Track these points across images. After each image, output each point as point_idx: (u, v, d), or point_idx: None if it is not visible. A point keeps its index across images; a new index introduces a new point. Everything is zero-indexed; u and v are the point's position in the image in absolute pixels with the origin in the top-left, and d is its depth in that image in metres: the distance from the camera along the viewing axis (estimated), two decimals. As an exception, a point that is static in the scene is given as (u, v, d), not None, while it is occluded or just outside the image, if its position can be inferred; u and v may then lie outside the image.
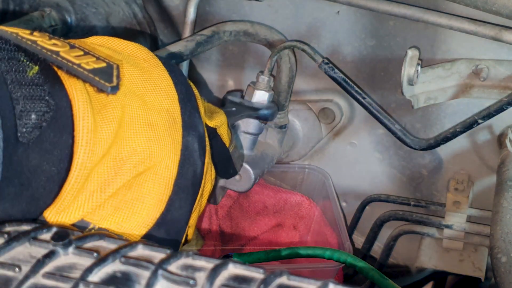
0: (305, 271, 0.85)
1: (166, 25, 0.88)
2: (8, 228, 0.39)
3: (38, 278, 0.35)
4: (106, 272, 0.36)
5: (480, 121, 0.73)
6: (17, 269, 0.35)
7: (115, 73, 0.45)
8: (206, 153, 0.54)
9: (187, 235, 0.55)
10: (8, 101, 0.39)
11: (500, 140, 0.80)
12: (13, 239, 0.37)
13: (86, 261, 0.36)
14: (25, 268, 0.35)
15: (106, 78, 0.44)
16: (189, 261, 0.38)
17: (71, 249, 0.37)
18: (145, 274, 0.35)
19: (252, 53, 0.88)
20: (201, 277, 0.36)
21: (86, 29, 0.82)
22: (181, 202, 0.50)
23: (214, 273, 0.36)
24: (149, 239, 0.48)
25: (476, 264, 0.88)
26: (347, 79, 0.78)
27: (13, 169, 0.39)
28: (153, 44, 0.88)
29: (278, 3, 0.81)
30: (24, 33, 0.42)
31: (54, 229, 0.39)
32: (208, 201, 0.62)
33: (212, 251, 0.93)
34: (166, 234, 0.50)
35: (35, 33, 0.43)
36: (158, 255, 0.38)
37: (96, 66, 0.44)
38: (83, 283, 0.34)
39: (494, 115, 0.72)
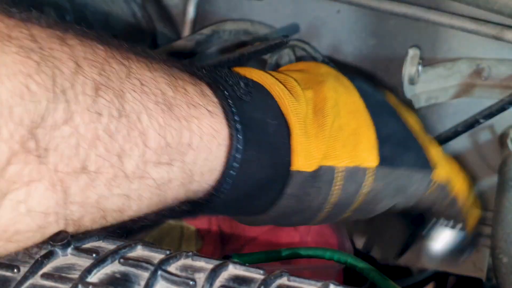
0: (306, 271, 0.85)
1: (165, 24, 0.88)
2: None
3: (37, 279, 0.34)
4: (105, 273, 0.35)
5: (481, 120, 0.73)
6: (15, 270, 0.35)
7: None
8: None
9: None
10: (220, 74, 0.49)
11: (501, 140, 0.80)
12: (11, 239, 0.37)
13: (85, 262, 0.36)
14: (24, 269, 0.35)
15: None
16: (188, 261, 0.38)
17: (69, 250, 0.37)
18: (144, 275, 0.35)
19: (252, 53, 0.87)
20: (200, 277, 0.36)
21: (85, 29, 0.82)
22: (383, 118, 0.58)
23: (213, 273, 0.36)
24: (385, 160, 0.56)
25: (478, 264, 0.87)
26: (347, 79, 0.78)
27: (245, 121, 0.47)
28: (152, 44, 0.87)
29: (278, 2, 0.81)
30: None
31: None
32: None
33: (212, 251, 0.93)
34: (394, 147, 0.57)
35: None
36: (157, 255, 0.38)
37: None
38: (82, 284, 0.34)
39: (495, 115, 0.71)
